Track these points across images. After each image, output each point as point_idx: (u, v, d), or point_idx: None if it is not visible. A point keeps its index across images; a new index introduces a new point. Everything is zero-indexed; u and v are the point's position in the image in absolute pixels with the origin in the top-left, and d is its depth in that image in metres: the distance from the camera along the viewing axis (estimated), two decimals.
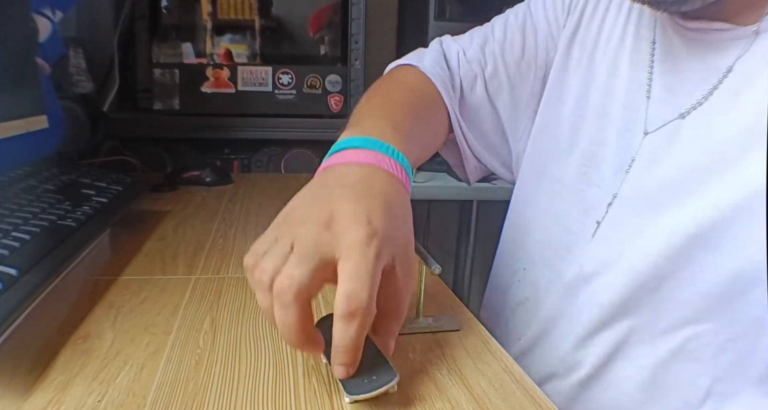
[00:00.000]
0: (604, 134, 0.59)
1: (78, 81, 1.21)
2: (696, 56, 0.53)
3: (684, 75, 0.54)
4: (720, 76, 0.51)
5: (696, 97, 0.52)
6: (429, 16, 1.20)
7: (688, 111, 0.53)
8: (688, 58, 0.54)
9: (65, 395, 0.39)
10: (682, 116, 0.53)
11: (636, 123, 0.56)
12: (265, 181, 1.14)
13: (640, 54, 0.58)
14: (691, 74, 0.53)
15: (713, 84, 0.51)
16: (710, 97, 0.51)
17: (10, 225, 0.54)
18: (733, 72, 0.50)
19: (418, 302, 0.51)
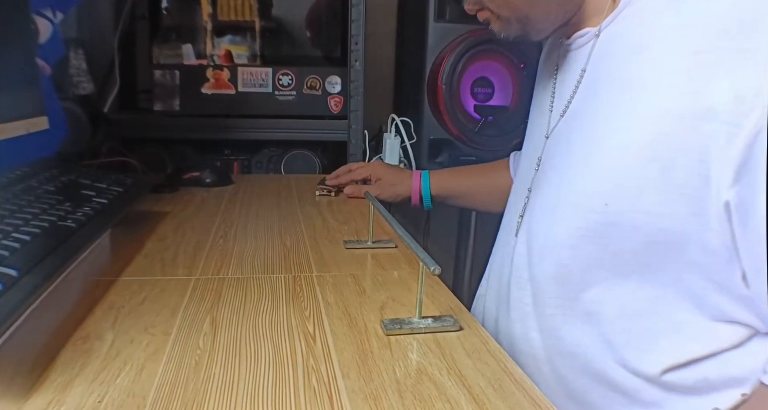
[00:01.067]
0: (527, 149, 0.75)
1: (78, 82, 1.21)
2: (569, 64, 0.66)
3: (564, 82, 0.67)
4: (578, 76, 0.63)
5: (567, 96, 0.64)
6: (429, 17, 1.20)
7: (564, 111, 0.65)
8: (567, 67, 0.67)
9: (65, 396, 0.39)
10: (561, 115, 0.65)
11: (542, 131, 0.69)
12: (265, 182, 1.14)
13: (549, 79, 0.71)
14: (567, 79, 0.66)
15: (576, 84, 0.63)
16: (575, 94, 0.63)
17: (11, 226, 0.54)
18: (587, 70, 0.62)
19: (417, 303, 0.51)
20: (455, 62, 1.17)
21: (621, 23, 0.59)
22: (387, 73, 1.52)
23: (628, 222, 0.53)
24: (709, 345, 0.54)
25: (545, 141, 0.67)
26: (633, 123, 0.53)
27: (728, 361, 0.54)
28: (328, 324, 0.51)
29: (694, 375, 0.55)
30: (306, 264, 0.66)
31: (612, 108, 0.56)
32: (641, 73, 0.54)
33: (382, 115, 1.33)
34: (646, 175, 0.52)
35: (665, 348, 0.55)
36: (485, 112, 1.21)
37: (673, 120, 0.50)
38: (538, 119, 0.72)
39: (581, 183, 0.57)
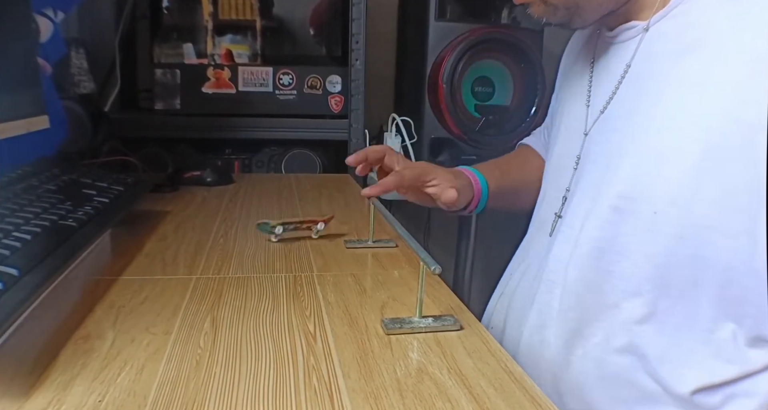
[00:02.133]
0: (562, 146, 0.69)
1: (79, 81, 1.21)
2: (611, 58, 0.63)
3: (603, 77, 0.63)
4: (623, 71, 0.60)
5: (609, 93, 0.61)
6: (429, 16, 1.20)
7: (605, 106, 0.61)
8: (607, 61, 0.63)
9: (66, 395, 0.39)
10: (601, 112, 0.62)
11: (579, 128, 0.65)
12: (265, 181, 1.14)
13: (584, 71, 0.68)
14: (607, 74, 0.62)
15: (619, 79, 0.60)
16: (618, 91, 0.60)
17: (12, 225, 0.54)
18: (632, 66, 0.59)
19: (418, 302, 0.51)
20: (456, 61, 1.17)
21: (672, 20, 0.56)
22: (388, 72, 1.52)
23: (676, 232, 0.51)
24: (743, 367, 0.53)
25: (584, 138, 0.64)
26: (686, 126, 0.51)
27: (756, 383, 0.53)
28: (329, 323, 0.51)
29: (722, 395, 0.53)
30: (307, 264, 0.66)
31: (661, 108, 0.54)
32: (695, 74, 0.52)
33: (383, 114, 1.33)
34: (699, 184, 0.50)
35: (701, 367, 0.53)
36: (486, 111, 1.21)
37: (731, 128, 0.48)
38: (572, 113, 0.68)
39: (628, 187, 0.54)
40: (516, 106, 1.24)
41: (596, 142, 0.62)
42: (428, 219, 1.58)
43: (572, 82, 0.70)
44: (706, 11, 0.53)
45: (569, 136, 0.67)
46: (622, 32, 0.60)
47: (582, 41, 0.71)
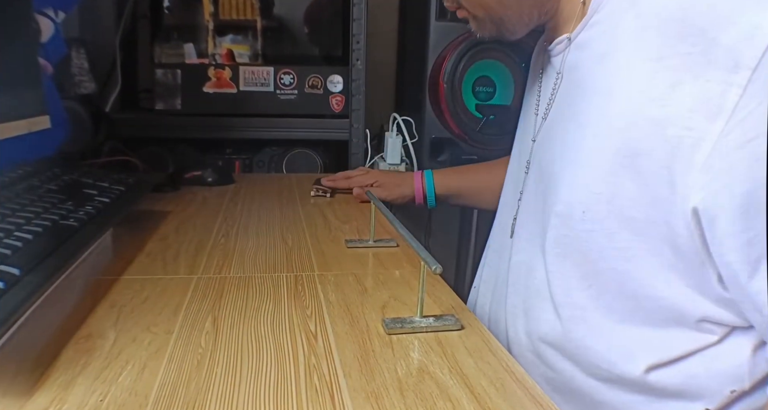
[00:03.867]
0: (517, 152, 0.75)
1: (80, 81, 1.21)
2: (550, 68, 0.67)
3: (546, 86, 0.68)
4: (555, 80, 0.64)
5: (547, 101, 0.66)
6: (430, 16, 1.20)
7: (545, 114, 0.66)
8: (548, 71, 0.68)
9: (67, 394, 0.39)
10: (543, 119, 0.67)
11: (529, 134, 0.70)
12: (266, 181, 1.14)
13: (535, 82, 0.72)
14: (547, 84, 0.67)
15: (553, 87, 0.65)
16: (554, 99, 0.65)
17: (13, 225, 0.54)
18: (562, 74, 0.63)
19: (419, 302, 0.51)
20: (457, 61, 1.17)
21: (591, 30, 0.59)
22: (388, 71, 1.52)
23: (605, 228, 0.55)
24: (692, 342, 0.55)
25: (532, 144, 0.68)
26: (602, 130, 0.54)
27: (714, 357, 0.54)
28: (330, 323, 0.51)
29: (681, 375, 0.55)
30: (308, 263, 0.66)
31: (584, 115, 0.57)
32: (608, 80, 0.55)
33: (384, 114, 1.33)
34: (617, 182, 0.53)
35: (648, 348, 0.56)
36: (487, 111, 1.21)
37: (638, 126, 0.51)
38: (526, 121, 0.73)
39: (562, 192, 0.58)
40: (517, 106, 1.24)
41: (540, 147, 0.67)
42: (429, 218, 1.58)
43: (528, 92, 0.76)
44: (614, 19, 0.57)
45: (522, 142, 0.74)
46: (555, 45, 0.64)
47: (536, 52, 0.76)
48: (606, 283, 0.56)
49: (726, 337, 0.54)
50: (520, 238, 0.68)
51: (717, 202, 0.47)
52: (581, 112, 0.58)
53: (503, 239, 0.72)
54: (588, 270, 0.57)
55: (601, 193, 0.54)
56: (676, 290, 0.53)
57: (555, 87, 0.64)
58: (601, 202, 0.54)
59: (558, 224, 0.59)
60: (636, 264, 0.54)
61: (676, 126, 0.48)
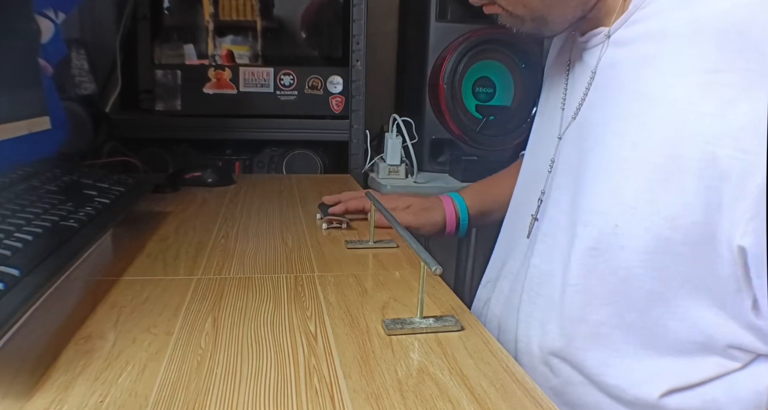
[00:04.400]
0: (539, 148, 0.70)
1: (80, 82, 1.21)
2: (582, 63, 0.63)
3: (576, 81, 0.64)
4: (589, 78, 0.60)
5: (579, 98, 0.62)
6: (430, 17, 1.20)
7: (575, 112, 0.62)
8: (579, 66, 0.63)
9: (67, 395, 0.39)
10: (573, 117, 0.62)
11: (554, 131, 0.66)
12: (266, 182, 1.14)
13: (560, 74, 0.68)
14: (579, 79, 0.63)
15: (586, 85, 0.61)
16: (586, 97, 0.61)
17: (13, 226, 0.54)
18: (597, 72, 0.59)
19: (419, 302, 0.51)
20: (457, 62, 1.17)
21: (632, 27, 0.56)
22: (388, 72, 1.52)
23: (639, 245, 0.52)
24: (716, 368, 0.53)
25: (558, 142, 0.65)
26: (643, 140, 0.51)
27: (736, 383, 0.53)
28: (330, 324, 0.51)
29: (700, 399, 0.53)
30: (308, 264, 0.66)
31: (622, 121, 0.54)
32: (652, 86, 0.52)
33: (384, 115, 1.33)
34: (656, 198, 0.50)
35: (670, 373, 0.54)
36: (487, 112, 1.21)
37: (684, 143, 0.48)
38: (550, 117, 0.68)
39: (594, 201, 0.55)
40: (517, 107, 1.24)
41: (568, 147, 0.62)
42: None
43: (550, 84, 0.71)
44: (662, 19, 0.53)
45: (545, 139, 0.68)
46: (590, 38, 0.61)
47: (560, 44, 0.71)
48: (632, 303, 0.54)
49: (750, 364, 0.53)
50: (541, 242, 0.63)
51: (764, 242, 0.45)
52: (619, 117, 0.55)
53: (518, 239, 0.69)
54: (614, 288, 0.54)
55: (637, 207, 0.51)
56: (708, 314, 0.51)
57: (588, 85, 0.60)
58: (637, 218, 0.51)
59: (586, 235, 0.55)
60: (669, 286, 0.52)
61: (728, 147, 0.45)
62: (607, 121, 0.56)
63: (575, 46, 0.65)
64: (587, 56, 0.62)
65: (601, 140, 0.56)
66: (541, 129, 0.71)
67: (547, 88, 0.72)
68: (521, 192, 0.73)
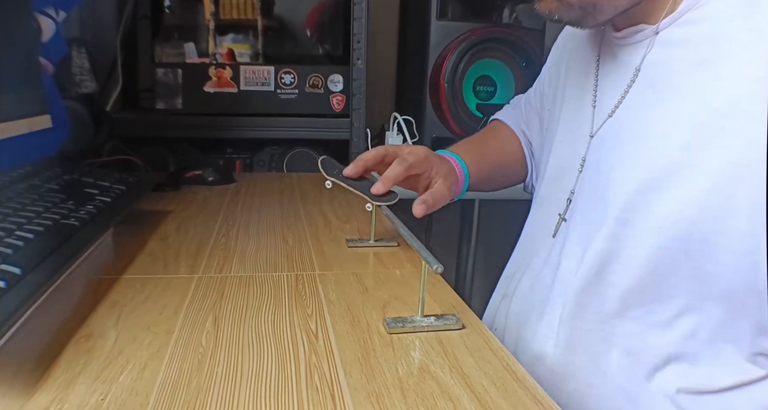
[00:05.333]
0: (567, 145, 0.67)
1: (81, 81, 1.21)
2: (619, 59, 0.61)
3: (610, 78, 0.62)
4: (632, 75, 0.58)
5: (617, 96, 0.60)
6: (431, 15, 1.20)
7: (613, 110, 0.60)
8: (614, 62, 0.62)
9: (68, 393, 0.39)
10: (610, 115, 0.60)
11: (584, 129, 0.64)
12: (267, 180, 1.14)
13: (589, 71, 0.66)
14: (616, 76, 0.61)
15: (628, 82, 0.59)
16: (627, 95, 0.59)
17: (14, 224, 0.54)
18: (641, 70, 0.58)
19: (420, 301, 0.51)
20: (457, 60, 1.17)
21: (684, 27, 0.54)
22: (389, 71, 1.52)
23: (681, 247, 0.51)
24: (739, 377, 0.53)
25: (589, 140, 0.63)
26: (697, 143, 0.50)
27: (758, 391, 0.53)
28: (331, 322, 0.51)
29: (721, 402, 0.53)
30: (308, 263, 0.66)
31: (673, 121, 0.53)
32: (706, 90, 0.51)
33: (385, 114, 1.33)
34: (707, 204, 0.50)
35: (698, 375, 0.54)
36: (488, 111, 1.21)
37: (741, 149, 0.48)
38: (577, 114, 0.66)
39: (635, 200, 0.54)
40: None
41: (603, 145, 0.61)
42: (430, 218, 1.58)
43: (575, 80, 0.69)
44: (719, 23, 0.52)
45: (573, 137, 0.66)
46: (631, 34, 0.59)
47: (583, 38, 0.69)
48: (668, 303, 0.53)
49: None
50: (571, 242, 0.62)
51: None
52: (668, 117, 0.53)
53: (543, 238, 0.67)
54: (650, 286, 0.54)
55: (688, 212, 0.51)
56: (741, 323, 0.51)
57: (630, 84, 0.58)
58: (686, 222, 0.51)
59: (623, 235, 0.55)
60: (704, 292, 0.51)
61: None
62: (649, 119, 0.55)
63: (606, 42, 0.63)
64: (625, 53, 0.60)
65: (644, 139, 0.55)
66: (568, 128, 0.68)
67: (569, 83, 0.70)
68: (547, 190, 0.70)
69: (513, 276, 0.73)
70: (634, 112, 0.58)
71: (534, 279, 0.67)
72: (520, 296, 0.69)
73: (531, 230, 0.73)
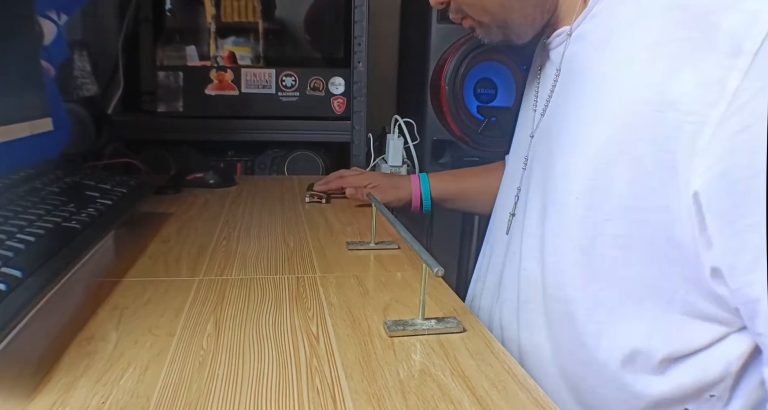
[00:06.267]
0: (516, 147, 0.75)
1: (82, 84, 1.21)
2: (549, 62, 0.67)
3: (544, 81, 0.68)
4: (555, 76, 0.64)
5: (546, 96, 0.66)
6: (432, 18, 1.20)
7: (544, 110, 0.66)
8: (547, 66, 0.67)
9: (69, 397, 0.39)
10: (542, 114, 0.66)
11: (527, 131, 0.70)
12: (268, 183, 1.14)
13: (533, 79, 0.72)
14: (546, 79, 0.67)
15: (553, 82, 0.64)
16: (553, 94, 0.65)
17: (15, 227, 0.54)
18: (561, 68, 0.63)
19: (421, 304, 0.51)
20: (458, 63, 1.17)
21: (591, 21, 0.59)
22: (390, 74, 1.52)
23: (600, 216, 0.54)
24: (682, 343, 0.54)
25: (530, 140, 0.68)
26: (601, 118, 0.54)
27: (705, 364, 0.54)
28: (332, 325, 0.51)
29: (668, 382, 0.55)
30: (309, 266, 0.66)
31: (583, 105, 0.57)
32: (605, 68, 0.55)
33: (386, 116, 1.33)
34: (616, 170, 0.53)
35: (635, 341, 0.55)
36: (488, 113, 1.21)
37: (636, 112, 0.51)
38: (525, 118, 0.73)
39: (561, 182, 0.58)
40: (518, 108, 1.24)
41: (539, 142, 0.66)
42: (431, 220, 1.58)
43: (527, 89, 0.75)
44: (613, 8, 0.57)
45: (519, 139, 0.73)
46: (554, 39, 0.65)
47: (536, 52, 0.75)
48: (596, 273, 0.56)
49: (717, 342, 0.53)
50: (516, 235, 0.67)
51: (717, 186, 0.47)
52: (580, 103, 0.58)
53: (499, 234, 0.73)
54: (578, 260, 0.57)
55: (597, 179, 0.54)
56: (666, 280, 0.52)
57: (554, 82, 0.64)
58: (597, 189, 0.54)
59: (553, 213, 0.59)
60: (627, 253, 0.54)
61: (676, 111, 0.48)
62: (571, 109, 0.60)
63: (543, 49, 0.68)
64: (553, 56, 0.65)
65: (563, 128, 0.60)
66: (519, 131, 0.76)
67: (525, 92, 0.77)
68: (502, 191, 0.77)
69: (477, 277, 0.79)
70: (557, 107, 0.63)
71: (497, 275, 0.72)
72: (488, 293, 0.74)
73: (491, 229, 0.79)
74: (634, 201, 0.52)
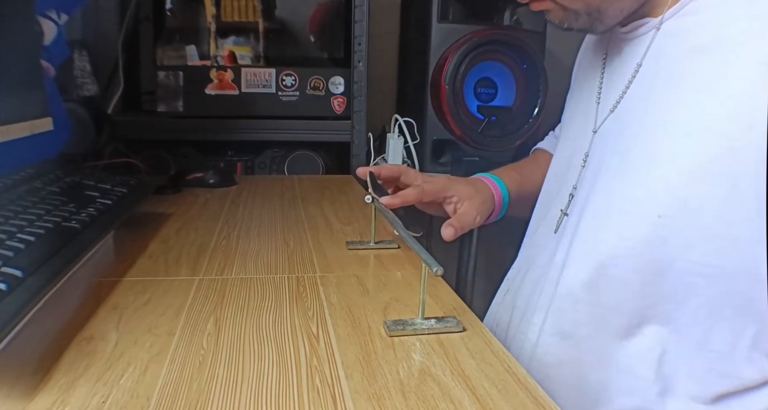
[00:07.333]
0: (571, 142, 0.69)
1: (82, 83, 1.21)
2: (623, 54, 0.61)
3: (615, 74, 0.62)
4: (634, 70, 0.59)
5: (620, 90, 0.60)
6: (432, 17, 1.20)
7: (615, 105, 0.61)
8: (619, 58, 0.62)
9: (69, 396, 0.39)
10: (611, 110, 0.61)
11: (589, 125, 0.65)
12: (268, 183, 1.14)
13: (595, 68, 0.67)
14: (619, 71, 0.62)
15: (630, 77, 0.59)
16: (628, 90, 0.59)
17: (15, 227, 0.54)
18: (643, 64, 0.58)
19: (420, 303, 0.51)
20: (458, 63, 1.17)
21: (685, 18, 0.54)
22: (390, 73, 1.52)
23: (682, 238, 0.51)
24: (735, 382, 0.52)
25: (593, 136, 0.63)
26: (698, 131, 0.50)
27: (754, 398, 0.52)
28: (332, 324, 0.51)
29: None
30: (309, 265, 0.66)
31: (672, 111, 0.53)
32: (707, 77, 0.51)
33: (386, 116, 1.33)
34: (711, 191, 0.49)
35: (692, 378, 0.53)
36: (488, 113, 1.21)
37: (742, 133, 0.47)
38: (583, 111, 0.67)
39: (637, 191, 0.54)
40: (519, 108, 1.24)
41: (605, 140, 0.61)
42: (430, 220, 1.58)
43: (584, 79, 0.70)
44: (717, 11, 0.52)
45: (578, 134, 0.67)
46: (635, 29, 0.59)
47: (595, 38, 0.70)
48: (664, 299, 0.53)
49: None
50: (566, 236, 0.62)
51: None
52: (666, 107, 0.53)
53: (546, 233, 0.68)
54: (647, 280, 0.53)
55: (691, 200, 0.50)
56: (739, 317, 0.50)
57: (632, 78, 0.59)
58: (685, 210, 0.50)
59: (623, 224, 0.54)
60: (705, 283, 0.51)
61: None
62: (652, 110, 0.55)
63: (613, 38, 0.63)
64: (630, 47, 0.60)
65: (645, 130, 0.55)
66: (573, 122, 0.70)
67: (578, 81, 0.71)
68: (550, 184, 0.72)
69: (518, 272, 0.73)
70: (635, 105, 0.58)
71: (539, 275, 0.67)
72: (522, 291, 0.69)
73: (534, 226, 0.73)
74: (724, 229, 0.49)
